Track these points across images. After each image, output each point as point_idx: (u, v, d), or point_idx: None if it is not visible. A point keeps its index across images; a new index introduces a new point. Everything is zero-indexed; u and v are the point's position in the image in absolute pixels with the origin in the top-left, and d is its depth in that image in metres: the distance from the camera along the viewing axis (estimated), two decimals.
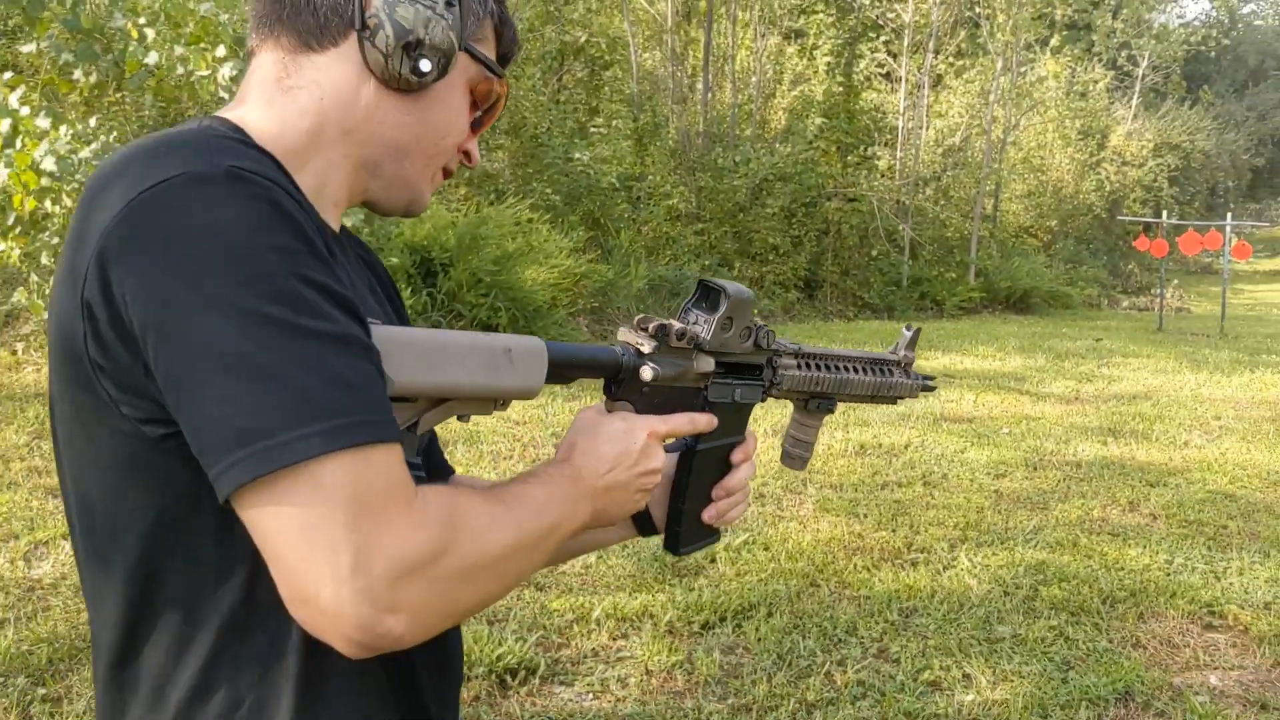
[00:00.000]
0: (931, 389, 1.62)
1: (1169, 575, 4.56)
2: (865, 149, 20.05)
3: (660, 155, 17.20)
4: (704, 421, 1.22)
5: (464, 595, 0.87)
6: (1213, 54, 40.55)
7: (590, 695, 3.37)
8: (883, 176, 19.84)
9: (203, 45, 6.70)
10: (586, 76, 17.94)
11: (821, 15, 21.01)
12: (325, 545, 0.77)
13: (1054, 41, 25.48)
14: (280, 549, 0.79)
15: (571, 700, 3.32)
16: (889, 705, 3.36)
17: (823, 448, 6.58)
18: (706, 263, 15.39)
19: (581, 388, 7.40)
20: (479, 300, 9.61)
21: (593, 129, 16.71)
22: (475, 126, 1.13)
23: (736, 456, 1.32)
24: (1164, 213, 19.64)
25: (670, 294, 13.63)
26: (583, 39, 17.51)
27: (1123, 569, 4.61)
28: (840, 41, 20.88)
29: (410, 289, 9.23)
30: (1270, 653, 3.84)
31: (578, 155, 14.08)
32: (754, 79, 19.70)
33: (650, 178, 16.56)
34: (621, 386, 1.14)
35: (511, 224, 10.88)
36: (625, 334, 1.16)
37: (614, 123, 17.30)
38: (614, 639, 3.76)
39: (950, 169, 21.29)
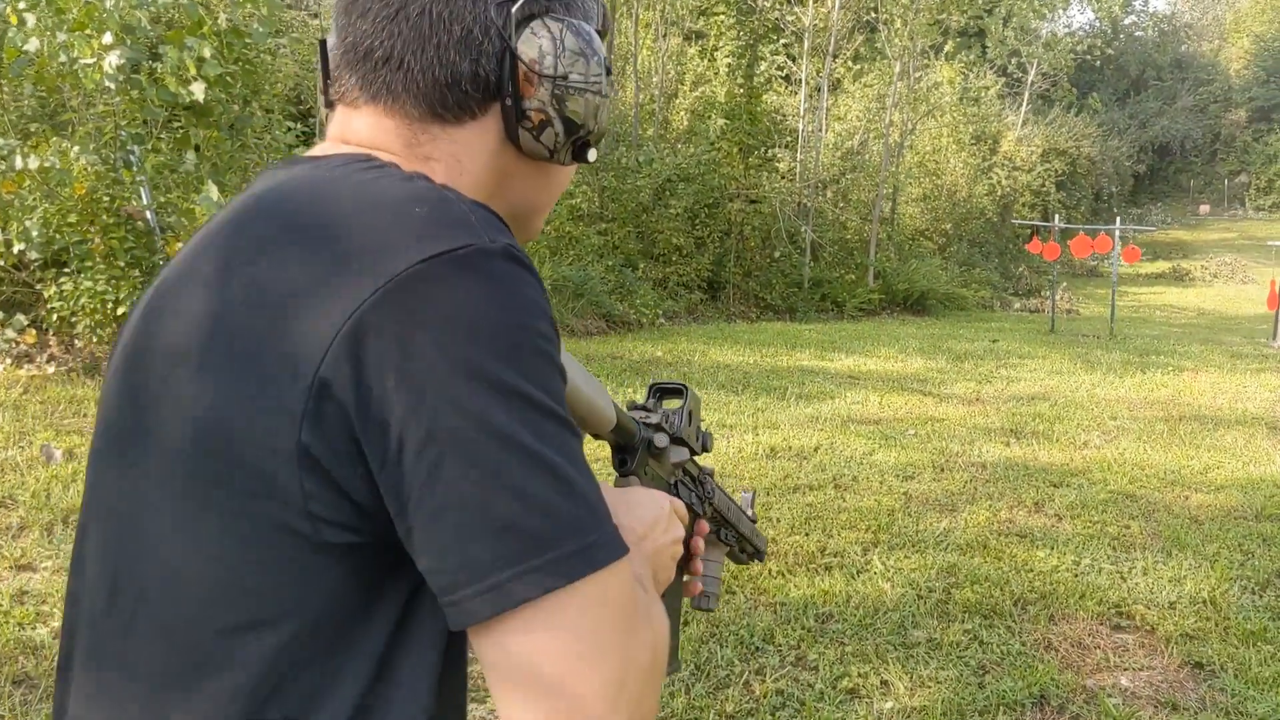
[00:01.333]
0: (763, 559, 1.63)
1: (1077, 576, 4.59)
2: (766, 151, 20.18)
3: None
4: (684, 510, 1.14)
5: (659, 691, 0.82)
6: (1097, 63, 41.90)
7: (487, 710, 3.23)
8: (784, 178, 19.99)
9: (87, 32, 6.38)
10: None
11: (722, 17, 21.10)
12: (599, 663, 0.72)
13: (948, 48, 26.01)
14: (547, 670, 0.71)
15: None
16: (809, 715, 3.29)
17: (734, 450, 6.53)
18: (610, 263, 15.29)
19: None
20: None
21: None
22: None
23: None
24: (1055, 217, 20.16)
25: (574, 294, 13.49)
26: None
27: (1032, 570, 4.63)
28: (741, 43, 20.99)
29: None
30: (1177, 653, 3.88)
31: None
32: (656, 79, 19.68)
33: None
34: (635, 458, 1.10)
35: None
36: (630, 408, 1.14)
37: None
38: None
39: (849, 172, 21.56)
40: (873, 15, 21.88)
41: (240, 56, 6.93)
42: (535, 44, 0.88)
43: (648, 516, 1.01)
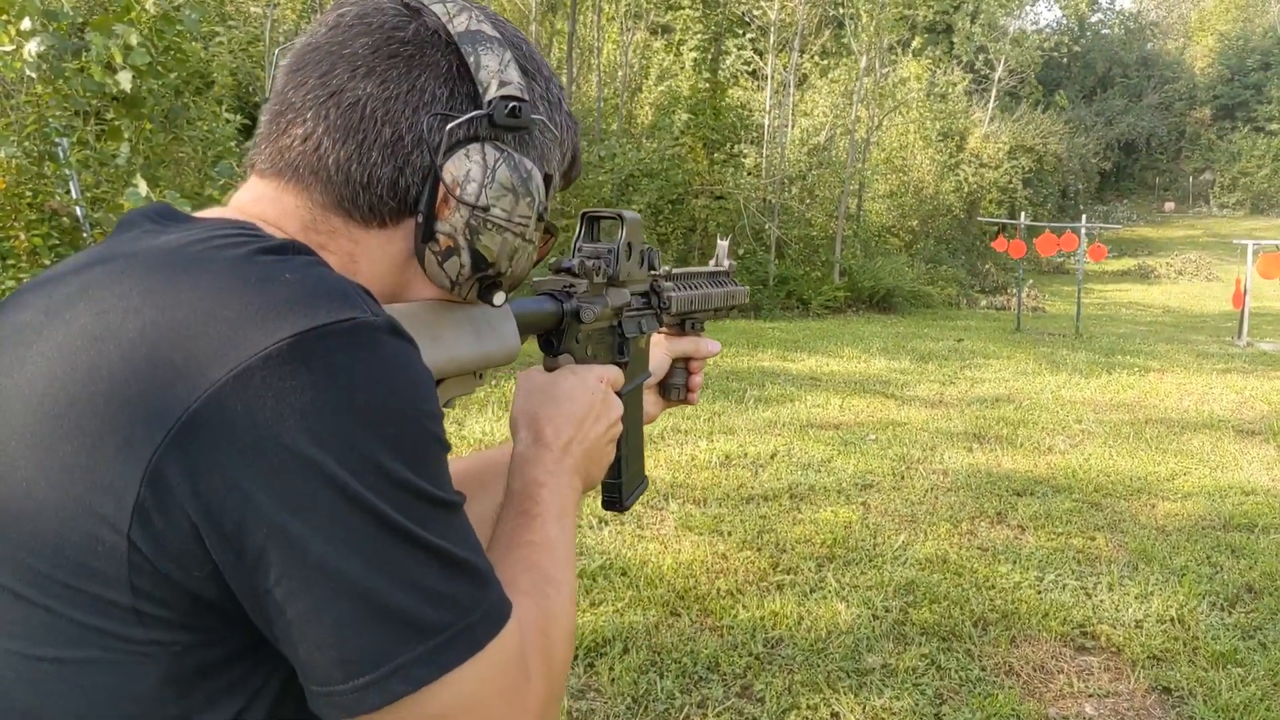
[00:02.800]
0: (747, 301, 1.60)
1: (1040, 593, 4.39)
2: (731, 146, 19.99)
3: None
4: (618, 374, 1.13)
5: (561, 695, 0.81)
6: (1064, 60, 42.02)
7: None
8: (749, 174, 19.80)
9: (6, 19, 6.05)
10: None
11: (688, 11, 20.87)
12: None
13: (915, 43, 25.93)
14: None
15: None
16: None
17: (687, 458, 6.29)
18: None
19: None
20: None
21: None
22: None
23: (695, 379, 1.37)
24: (1022, 214, 20.08)
25: (531, 291, 13.23)
26: None
27: (993, 588, 4.42)
28: (707, 37, 20.77)
29: None
30: (1144, 677, 3.69)
31: None
32: (620, 73, 19.43)
33: None
34: (563, 337, 1.06)
35: None
36: (545, 284, 1.08)
37: None
38: None
39: (815, 168, 21.38)
40: (839, 10, 21.73)
41: (171, 45, 6.61)
42: (464, 166, 0.82)
43: (576, 412, 1.00)
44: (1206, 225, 43.03)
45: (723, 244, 1.51)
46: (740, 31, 21.97)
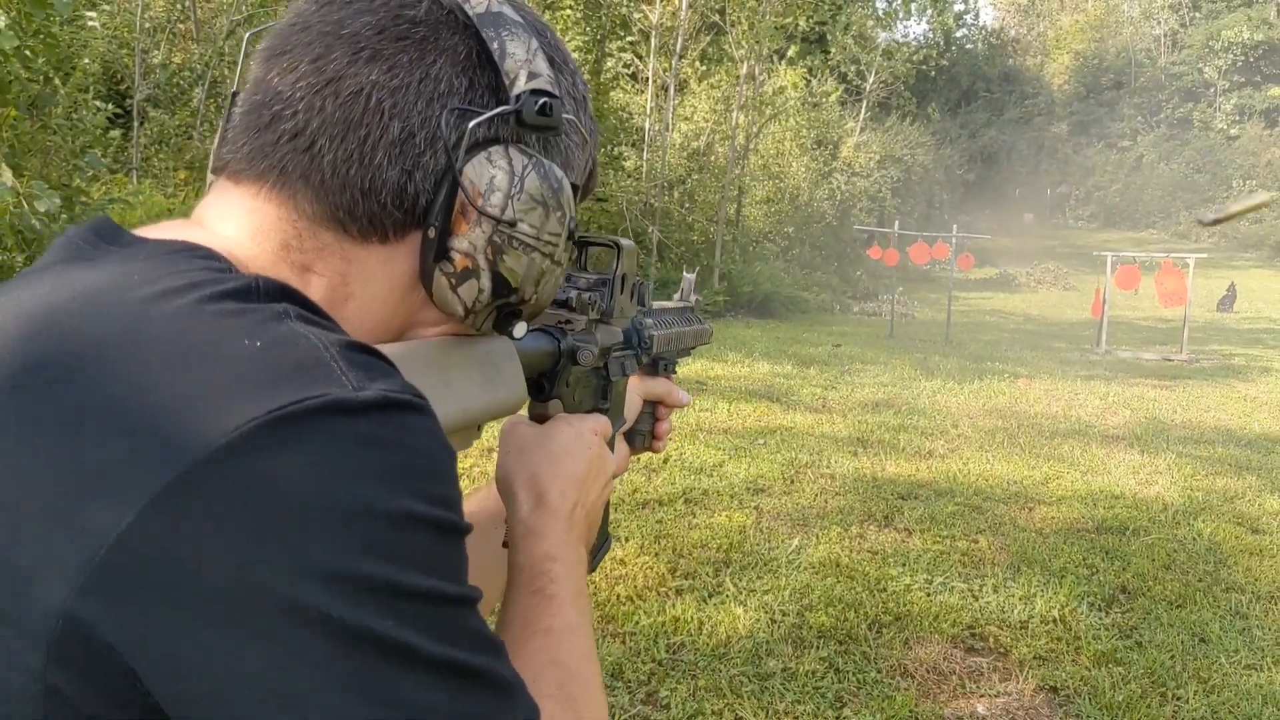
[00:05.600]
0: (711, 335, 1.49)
1: (929, 596, 4.50)
2: (613, 149, 20.02)
3: None
4: (609, 426, 1.01)
5: None
6: (932, 74, 43.31)
7: None
8: (630, 178, 19.86)
9: None
10: None
11: (569, 11, 20.81)
12: None
13: (791, 52, 26.36)
14: None
15: None
16: None
17: None
18: None
19: None
20: None
21: None
22: None
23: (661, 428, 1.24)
24: (895, 224, 20.60)
25: None
26: None
27: (885, 590, 4.51)
28: (588, 39, 20.75)
29: None
30: (1032, 677, 3.81)
31: None
32: None
33: None
34: (557, 380, 0.94)
35: None
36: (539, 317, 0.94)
37: None
38: None
39: (695, 173, 21.57)
40: (719, 18, 21.96)
41: (41, 28, 6.30)
42: (487, 172, 0.70)
43: (578, 471, 0.86)
44: (1063, 236, 44.91)
45: (689, 277, 1.41)
46: (622, 34, 22.01)
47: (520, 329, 0.78)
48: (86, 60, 9.55)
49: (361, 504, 0.54)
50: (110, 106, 8.48)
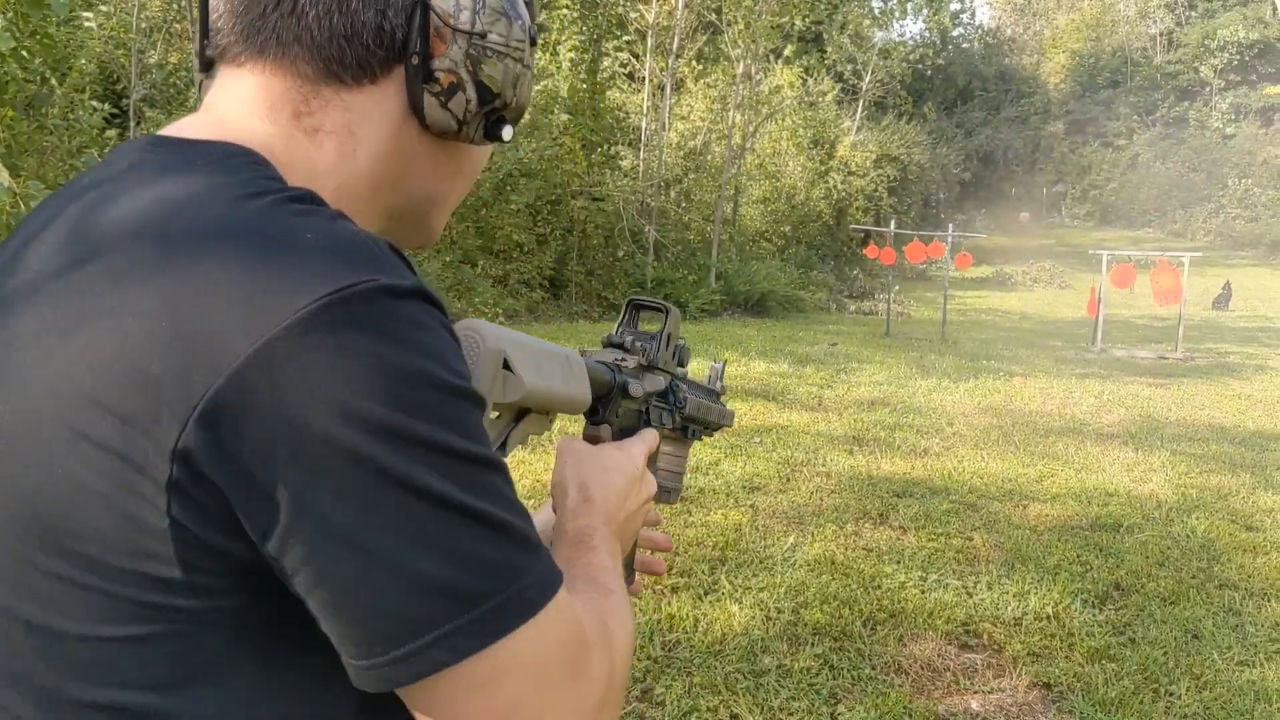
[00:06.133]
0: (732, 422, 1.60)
1: (924, 593, 4.52)
2: (610, 148, 20.04)
3: None
4: (656, 438, 1.13)
5: (621, 704, 0.78)
6: (928, 73, 43.36)
7: None
8: (627, 176, 19.88)
9: None
10: None
11: (566, 10, 20.82)
12: (548, 715, 0.68)
13: (788, 52, 26.39)
14: None
15: None
16: None
17: None
18: (448, 259, 14.86)
19: None
20: None
21: None
22: None
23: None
24: (891, 223, 20.63)
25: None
26: None
27: (879, 588, 4.53)
28: (585, 38, 20.76)
29: None
30: (1025, 673, 3.83)
31: None
32: None
33: None
34: (608, 407, 1.07)
35: None
36: (596, 354, 1.11)
37: None
38: None
39: (692, 172, 21.60)
40: (715, 17, 21.99)
41: (38, 29, 6.32)
42: None
43: (621, 484, 0.99)
44: (1059, 235, 44.92)
45: (716, 367, 1.54)
46: (618, 34, 22.03)
47: (508, 131, 0.84)
48: (83, 60, 9.56)
49: (414, 371, 0.63)
50: (107, 106, 8.47)
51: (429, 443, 0.63)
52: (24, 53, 6.14)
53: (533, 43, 0.85)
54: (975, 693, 3.70)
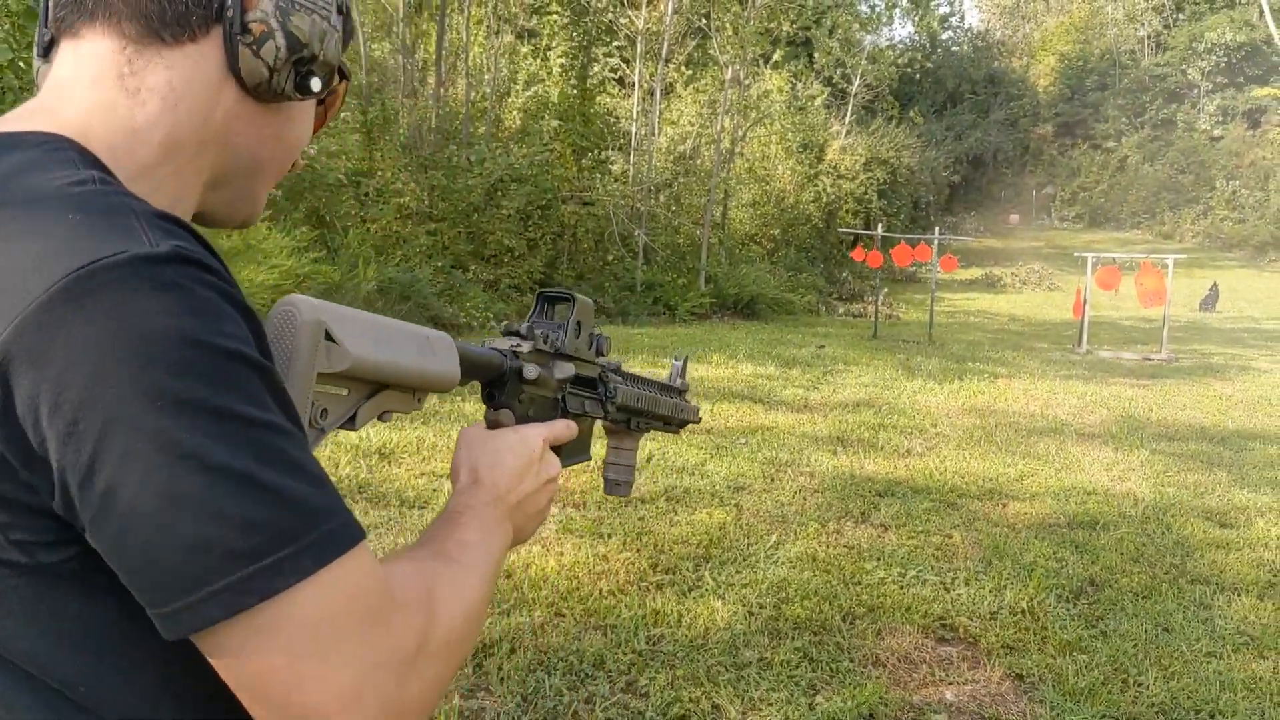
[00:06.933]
0: (700, 420, 1.67)
1: (903, 588, 4.63)
2: (600, 153, 20.14)
3: (391, 151, 16.61)
4: (573, 427, 1.18)
5: (448, 671, 0.80)
6: (916, 76, 43.48)
7: None
8: (616, 181, 19.99)
9: None
10: None
11: (555, 16, 20.93)
12: (326, 672, 0.69)
13: (776, 56, 26.51)
14: (272, 684, 0.69)
15: None
16: None
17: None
18: (439, 264, 14.95)
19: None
20: None
21: None
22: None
23: None
24: (879, 225, 20.75)
25: (400, 296, 13.12)
26: None
27: (860, 584, 4.65)
28: (575, 44, 20.88)
29: None
30: (999, 665, 3.94)
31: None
32: (488, 77, 19.39)
33: (380, 174, 15.95)
34: (504, 391, 1.11)
35: None
36: (495, 343, 1.13)
37: (341, 115, 16.57)
38: None
39: (681, 176, 21.71)
40: (704, 23, 22.11)
41: (35, 41, 6.40)
42: None
43: (514, 465, 1.03)
44: (1048, 237, 45.08)
45: (676, 364, 1.60)
46: (608, 39, 22.15)
47: (316, 83, 0.89)
48: None
49: (165, 332, 0.65)
50: None
51: (183, 401, 0.65)
52: (21, 64, 6.22)
53: (340, 10, 0.91)
54: (950, 684, 3.81)
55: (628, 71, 21.81)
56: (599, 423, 1.38)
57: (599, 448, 1.58)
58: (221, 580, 0.65)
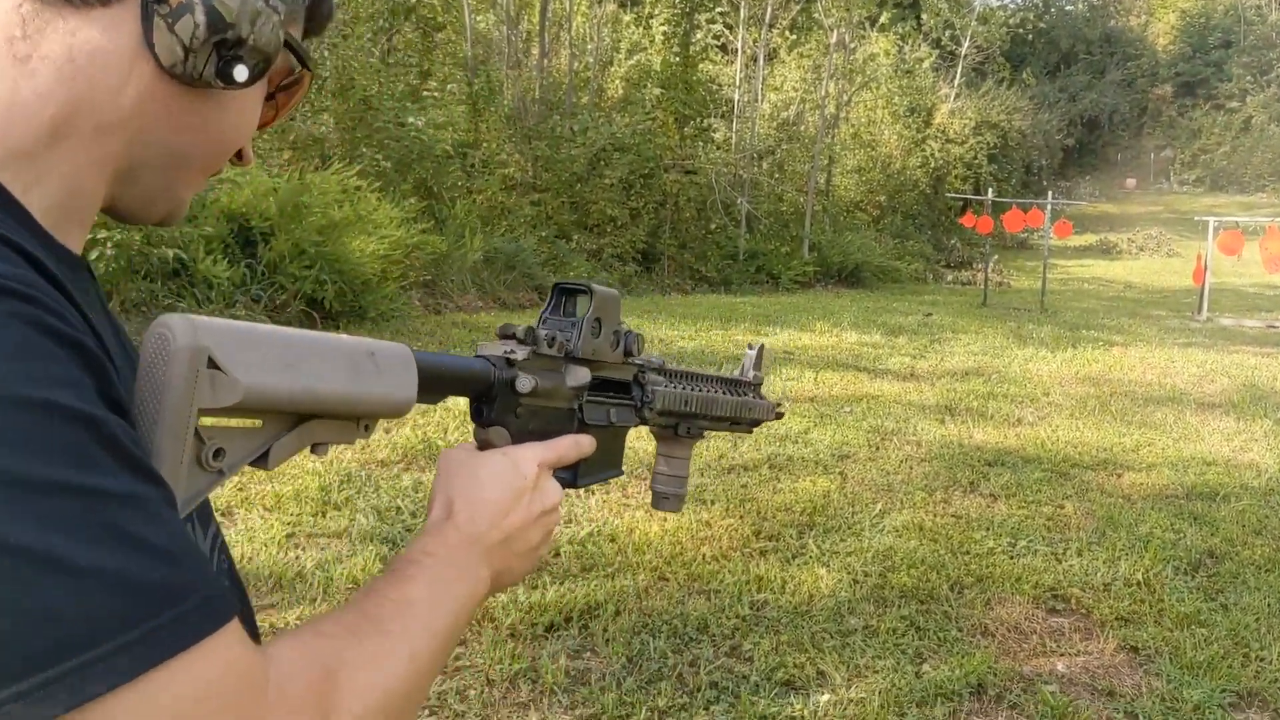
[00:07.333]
0: (781, 415, 1.45)
1: (1013, 559, 4.55)
2: (702, 120, 20.04)
3: (495, 122, 16.75)
4: (587, 442, 1.01)
5: None
6: (1029, 37, 42.29)
7: (426, 711, 3.09)
8: (719, 149, 19.87)
9: None
10: (418, 38, 17.28)
11: None
12: None
13: (883, 19, 26.03)
14: None
15: None
16: (744, 709, 3.19)
17: None
18: (543, 234, 15.08)
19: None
20: (303, 273, 9.05)
21: (425, 93, 16.10)
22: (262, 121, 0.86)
23: None
24: (989, 190, 20.28)
25: (505, 266, 13.26)
26: None
27: (968, 553, 4.58)
28: (677, 11, 20.77)
29: (228, 260, 8.62)
30: (1113, 636, 3.85)
31: (410, 120, 13.49)
32: (591, 46, 19.42)
33: (486, 145, 16.10)
34: (494, 406, 0.93)
35: (338, 191, 10.28)
36: (487, 347, 0.95)
37: (448, 86, 16.76)
38: None
39: (785, 143, 21.50)
40: None
41: None
42: None
43: (498, 496, 0.87)
44: (1167, 202, 43.55)
45: (750, 353, 1.38)
46: (711, 6, 21.97)
47: (241, 72, 0.75)
48: None
49: None
50: None
51: (4, 475, 0.52)
52: None
53: None
54: (1062, 655, 3.74)
55: (730, 38, 21.63)
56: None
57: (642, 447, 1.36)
58: (10, 688, 0.51)
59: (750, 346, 1.39)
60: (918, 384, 8.66)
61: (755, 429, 1.41)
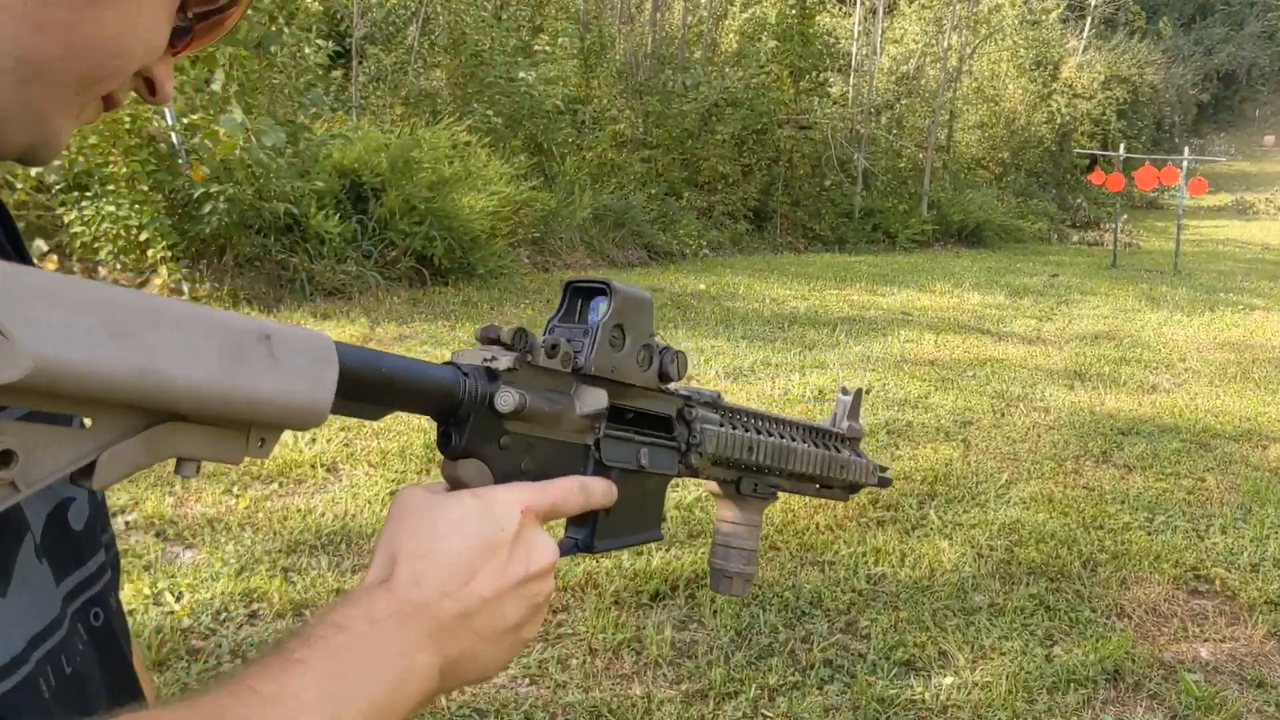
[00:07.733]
0: (888, 483, 1.17)
1: (1150, 535, 4.27)
2: (818, 75, 19.58)
3: (606, 77, 16.59)
4: (601, 489, 0.74)
5: None
6: None
7: (526, 680, 2.99)
8: (835, 104, 19.40)
9: None
10: None
11: None
12: None
13: None
14: None
15: (505, 686, 2.94)
16: (860, 690, 3.01)
17: (780, 392, 6.21)
18: (653, 191, 14.90)
19: None
20: (413, 229, 9.09)
21: (536, 48, 16.02)
22: (176, 41, 0.63)
23: None
24: (1121, 146, 19.44)
25: (615, 224, 13.14)
26: None
27: (1101, 528, 4.31)
28: None
29: (340, 215, 8.66)
30: (1262, 621, 3.57)
31: (521, 75, 13.40)
32: None
33: (596, 101, 15.96)
34: (466, 432, 0.67)
35: (448, 147, 10.33)
36: (465, 355, 0.69)
37: (559, 41, 16.63)
38: (553, 611, 3.37)
39: (904, 97, 20.91)
40: None
41: None
42: None
43: (459, 554, 0.63)
44: None
45: (844, 399, 1.10)
46: None
47: None
48: (309, 1, 9.96)
49: None
50: (331, 45, 8.81)
51: None
52: None
53: None
54: (1205, 640, 3.48)
55: None
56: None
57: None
58: None
59: (844, 391, 1.10)
60: (1044, 348, 8.29)
61: (853, 494, 1.12)
